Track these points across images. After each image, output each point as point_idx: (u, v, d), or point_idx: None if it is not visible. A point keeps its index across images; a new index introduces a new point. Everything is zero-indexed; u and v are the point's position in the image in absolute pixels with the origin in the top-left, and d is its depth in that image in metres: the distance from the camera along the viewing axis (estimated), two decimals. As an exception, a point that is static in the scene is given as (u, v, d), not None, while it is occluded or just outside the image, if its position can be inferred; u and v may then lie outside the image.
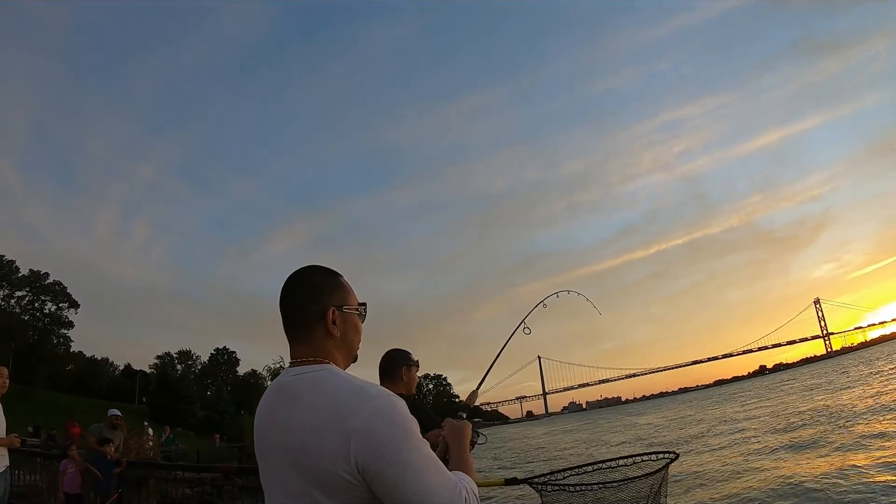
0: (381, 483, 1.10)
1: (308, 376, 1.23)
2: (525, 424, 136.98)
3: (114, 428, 8.36)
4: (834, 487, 10.41)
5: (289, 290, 1.33)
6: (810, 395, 35.50)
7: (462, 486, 1.17)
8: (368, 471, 1.09)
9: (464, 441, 1.45)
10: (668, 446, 23.62)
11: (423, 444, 1.16)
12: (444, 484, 1.14)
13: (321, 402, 1.16)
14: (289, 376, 1.26)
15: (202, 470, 15.14)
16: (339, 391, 1.16)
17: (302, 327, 1.29)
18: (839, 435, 16.57)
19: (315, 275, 1.35)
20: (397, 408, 1.14)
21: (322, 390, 1.18)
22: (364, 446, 1.09)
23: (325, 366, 1.25)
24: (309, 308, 1.29)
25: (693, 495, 12.09)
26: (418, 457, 1.12)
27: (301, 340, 1.29)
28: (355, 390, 1.16)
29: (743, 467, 14.64)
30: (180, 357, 74.38)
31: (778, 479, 12.08)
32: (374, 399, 1.13)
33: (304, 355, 1.28)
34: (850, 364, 67.75)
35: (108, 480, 7.67)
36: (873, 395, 25.79)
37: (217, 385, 68.53)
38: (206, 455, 28.30)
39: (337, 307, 1.31)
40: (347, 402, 1.13)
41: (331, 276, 1.36)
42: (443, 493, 1.12)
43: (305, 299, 1.30)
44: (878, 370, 42.93)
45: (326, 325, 1.29)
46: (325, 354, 1.28)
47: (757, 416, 29.63)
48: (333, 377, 1.21)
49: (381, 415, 1.11)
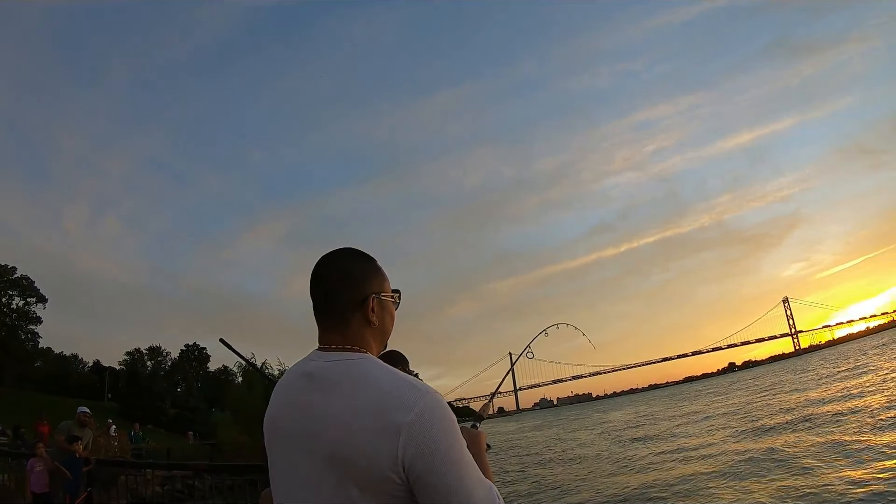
0: (425, 481, 1.03)
1: (348, 364, 1.15)
2: (496, 421, 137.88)
3: (82, 426, 8.23)
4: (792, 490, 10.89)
5: (324, 274, 1.25)
6: (771, 394, 36.65)
7: (496, 494, 1.14)
8: (416, 467, 1.03)
9: (482, 448, 1.41)
10: (633, 441, 24.26)
11: (465, 444, 1.12)
12: (482, 488, 1.10)
13: (367, 393, 1.08)
14: (322, 362, 1.18)
15: (173, 468, 15.10)
16: (388, 383, 1.09)
17: (338, 313, 1.22)
18: (792, 434, 17.25)
19: (353, 259, 1.27)
20: (445, 404, 1.10)
21: (367, 381, 1.10)
22: (415, 442, 1.02)
23: (365, 355, 1.19)
24: (347, 295, 1.22)
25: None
26: (465, 457, 1.09)
27: (336, 325, 1.22)
28: (404, 384, 1.09)
29: (696, 463, 15.14)
30: (150, 353, 73.22)
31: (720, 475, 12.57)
32: (425, 395, 1.07)
33: (338, 341, 1.20)
34: (816, 363, 69.73)
35: (76, 479, 7.53)
36: (831, 396, 26.79)
37: (187, 382, 67.63)
38: (178, 453, 28.02)
39: (375, 294, 1.25)
40: (398, 396, 1.06)
41: (369, 261, 1.29)
42: (480, 496, 1.08)
43: (343, 286, 1.22)
44: (840, 369, 44.27)
45: (365, 312, 1.22)
46: (362, 342, 1.22)
47: (720, 413, 30.52)
48: (378, 368, 1.14)
49: (433, 411, 1.06)
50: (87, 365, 67.21)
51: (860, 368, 37.14)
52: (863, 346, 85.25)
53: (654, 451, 19.56)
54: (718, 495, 10.70)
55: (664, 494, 11.87)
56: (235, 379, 67.42)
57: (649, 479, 14.13)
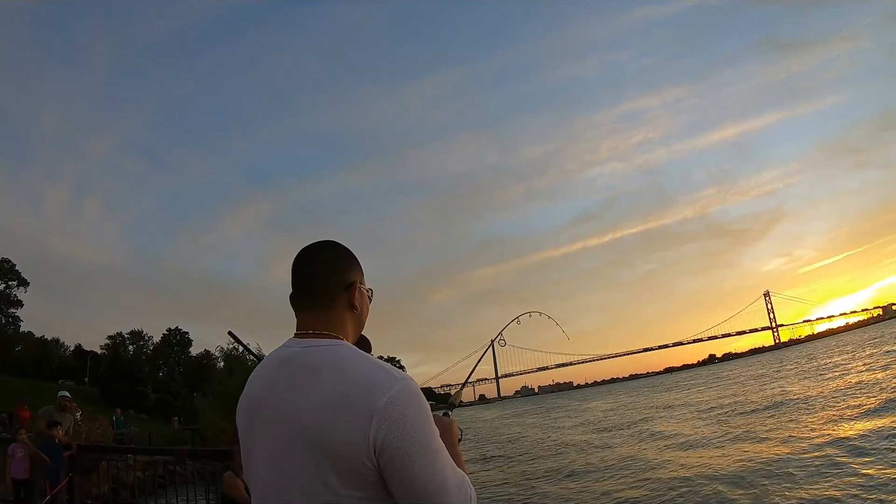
0: (395, 468, 1.04)
1: (324, 350, 1.16)
2: (477, 408, 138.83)
3: (63, 410, 8.18)
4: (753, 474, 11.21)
5: (311, 257, 1.27)
6: (749, 386, 37.42)
7: (468, 484, 1.15)
8: (385, 452, 1.03)
9: (454, 437, 1.40)
10: (614, 430, 24.65)
11: (437, 432, 1.12)
12: (455, 477, 1.11)
13: (341, 378, 1.08)
14: (298, 348, 1.18)
15: (155, 453, 15.11)
16: (362, 369, 1.10)
17: (323, 295, 1.24)
18: (766, 425, 17.69)
19: (339, 248, 1.31)
20: (418, 391, 1.10)
21: (342, 367, 1.11)
22: (386, 426, 1.03)
23: (341, 341, 1.20)
24: (334, 277, 1.25)
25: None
26: (437, 444, 1.09)
27: (318, 308, 1.23)
28: (378, 369, 1.10)
29: (664, 457, 15.48)
30: (132, 338, 72.42)
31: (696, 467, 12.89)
32: (399, 381, 1.07)
33: (318, 326, 1.21)
34: (793, 356, 71.09)
35: (56, 465, 7.43)
36: (811, 389, 27.40)
37: (169, 366, 67.19)
38: (160, 438, 27.97)
39: (359, 283, 1.29)
40: (371, 381, 1.07)
41: (351, 253, 1.32)
42: (453, 487, 1.09)
43: (331, 268, 1.25)
44: (820, 364, 45.21)
45: (351, 296, 1.25)
46: (341, 327, 1.24)
47: (695, 403, 31.12)
48: (353, 354, 1.15)
49: (406, 397, 1.06)
50: (68, 349, 66.46)
51: (837, 366, 37.83)
52: (841, 341, 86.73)
53: (629, 441, 19.89)
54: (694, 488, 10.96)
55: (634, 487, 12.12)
56: (217, 364, 67.28)
57: (617, 466, 14.43)
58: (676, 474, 12.44)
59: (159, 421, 41.74)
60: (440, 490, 1.06)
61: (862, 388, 21.56)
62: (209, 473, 7.28)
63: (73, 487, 7.57)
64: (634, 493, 11.25)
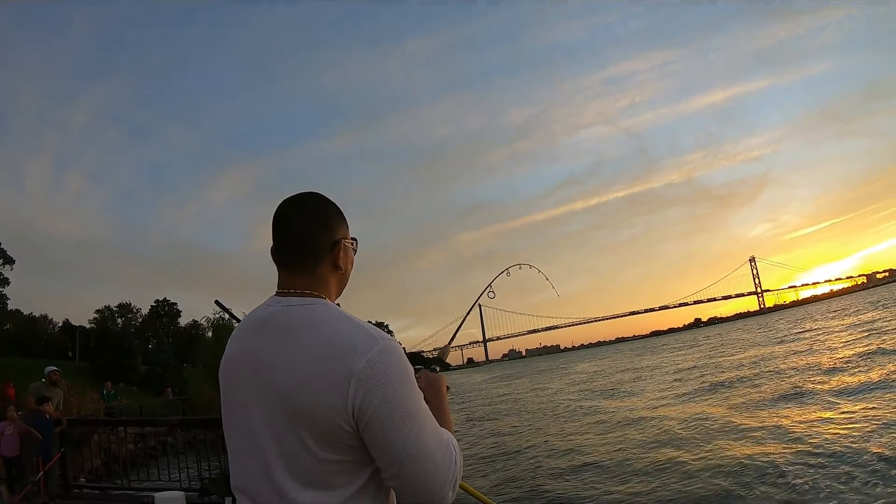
0: (374, 430, 1.01)
1: (304, 309, 1.12)
2: (465, 371, 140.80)
3: (53, 385, 8.10)
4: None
5: (292, 213, 1.19)
6: (732, 350, 38.35)
7: (453, 445, 1.12)
8: (364, 415, 1.00)
9: (442, 393, 1.36)
10: (599, 391, 25.26)
11: (420, 394, 1.08)
12: (438, 440, 1.07)
13: (322, 339, 1.05)
14: (279, 307, 1.14)
15: (146, 424, 15.29)
16: (343, 329, 1.07)
17: (306, 255, 1.18)
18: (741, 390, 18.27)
19: (323, 203, 1.23)
20: (399, 352, 1.07)
21: (322, 327, 1.07)
22: (364, 388, 1.00)
23: (323, 300, 1.16)
24: (319, 238, 1.18)
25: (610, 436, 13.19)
26: (418, 407, 1.06)
27: (301, 268, 1.17)
28: (359, 330, 1.07)
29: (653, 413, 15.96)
30: (120, 311, 72.21)
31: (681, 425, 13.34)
32: (379, 341, 1.04)
33: (301, 285, 1.16)
34: (778, 321, 72.51)
35: (48, 441, 7.40)
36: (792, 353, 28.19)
37: (158, 338, 67.19)
38: (151, 410, 28.21)
39: (343, 239, 1.22)
40: (352, 342, 1.03)
41: (335, 206, 1.26)
42: (436, 450, 1.05)
43: (316, 228, 1.19)
44: (804, 328, 46.25)
45: (335, 256, 1.20)
46: (324, 286, 1.19)
47: (681, 366, 31.87)
48: (335, 313, 1.11)
49: (386, 358, 1.03)
50: (56, 325, 66.19)
51: (819, 330, 38.72)
52: (827, 307, 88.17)
53: (611, 406, 20.41)
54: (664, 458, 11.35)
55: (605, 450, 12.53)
56: (206, 333, 67.36)
57: (593, 430, 14.87)
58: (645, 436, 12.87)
59: (150, 393, 41.94)
60: (422, 454, 1.03)
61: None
62: (200, 442, 7.40)
63: (65, 462, 7.65)
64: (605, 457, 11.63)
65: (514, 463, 12.21)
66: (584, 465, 10.84)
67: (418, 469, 1.02)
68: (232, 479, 1.14)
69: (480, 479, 10.61)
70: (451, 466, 1.08)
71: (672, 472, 9.39)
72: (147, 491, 7.04)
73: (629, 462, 10.57)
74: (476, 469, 11.81)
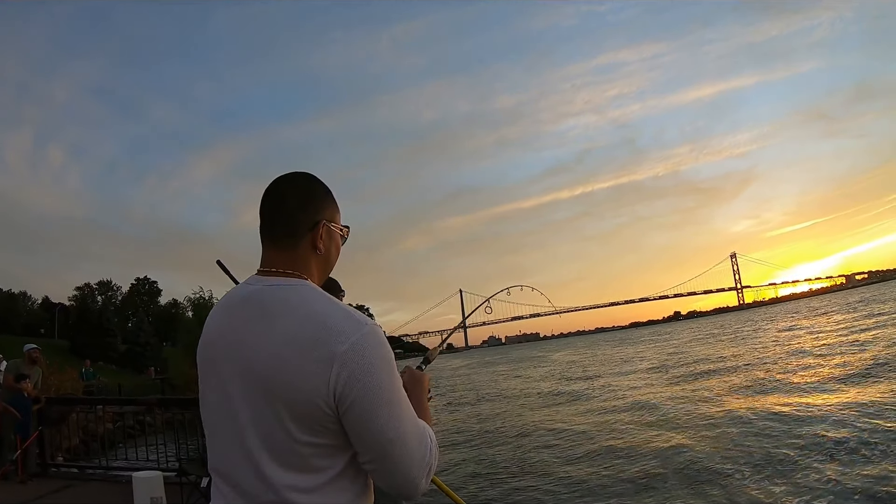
0: (355, 415, 1.01)
1: (285, 289, 1.10)
2: (444, 357, 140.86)
3: (32, 363, 7.96)
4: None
5: (278, 192, 1.19)
6: (706, 343, 39.08)
7: (429, 436, 1.13)
8: (346, 400, 1.00)
9: (423, 390, 1.35)
10: (575, 379, 25.66)
11: (400, 381, 1.10)
12: (416, 428, 1.09)
13: (303, 321, 1.04)
14: (260, 286, 1.13)
15: (124, 404, 15.27)
16: (326, 311, 1.05)
17: (287, 234, 1.17)
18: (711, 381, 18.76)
19: (310, 183, 1.22)
20: (383, 338, 1.07)
21: (304, 308, 1.06)
22: (347, 371, 1.00)
23: (305, 281, 1.14)
24: (299, 216, 1.17)
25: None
26: (398, 395, 1.06)
27: (282, 248, 1.16)
28: (343, 313, 1.06)
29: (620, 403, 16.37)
30: (100, 288, 71.51)
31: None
32: (363, 325, 1.04)
33: (282, 264, 1.15)
34: (758, 317, 73.74)
35: (26, 419, 7.36)
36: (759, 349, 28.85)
37: (138, 316, 66.66)
38: (130, 389, 28.10)
39: (327, 221, 1.20)
40: (334, 325, 1.03)
41: (324, 188, 1.24)
42: (413, 438, 1.07)
43: (297, 205, 1.17)
44: (777, 326, 47.03)
45: (315, 237, 1.18)
46: (304, 267, 1.17)
47: (654, 357, 32.51)
48: (317, 295, 1.10)
49: (369, 343, 1.03)
50: (36, 302, 65.41)
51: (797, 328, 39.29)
52: (805, 305, 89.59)
53: (579, 395, 20.79)
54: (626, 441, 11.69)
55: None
56: (186, 312, 66.97)
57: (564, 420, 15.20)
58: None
59: (129, 372, 41.77)
60: (400, 441, 1.04)
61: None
62: (178, 422, 7.42)
63: (43, 441, 7.68)
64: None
65: (478, 452, 12.48)
66: (552, 457, 11.15)
67: (395, 455, 1.04)
68: (209, 461, 1.15)
69: (448, 473, 10.80)
70: (427, 455, 1.09)
71: (626, 459, 9.88)
72: (125, 470, 7.12)
73: (593, 452, 10.91)
74: (446, 460, 12.07)
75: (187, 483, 5.34)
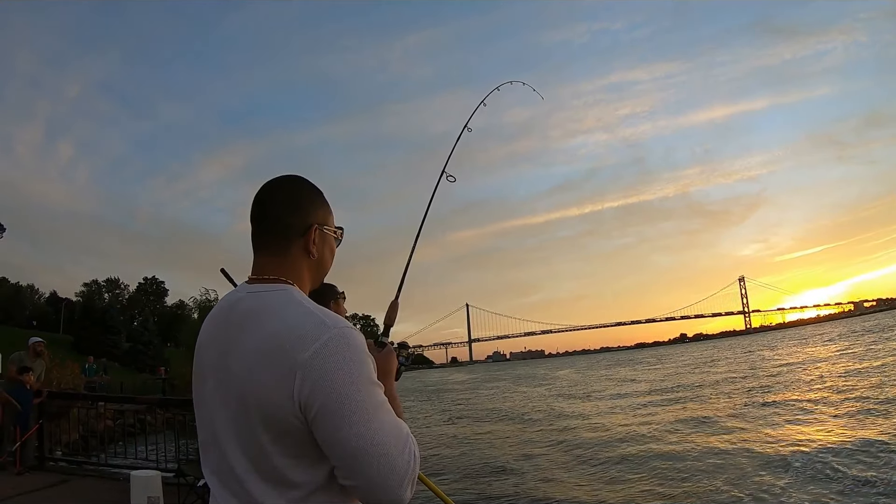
0: (321, 425, 0.95)
1: (264, 296, 1.07)
2: (448, 370, 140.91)
3: (36, 356, 8.00)
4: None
5: (268, 196, 1.16)
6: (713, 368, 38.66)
7: (411, 441, 1.03)
8: (311, 409, 0.95)
9: (391, 373, 1.27)
10: (576, 398, 25.45)
11: (376, 386, 1.01)
12: (396, 435, 1.00)
13: (272, 328, 1.00)
14: (245, 293, 1.11)
15: (124, 401, 15.26)
16: (294, 318, 1.01)
17: (278, 239, 1.14)
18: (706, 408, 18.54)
19: (300, 185, 1.19)
20: (353, 341, 0.99)
21: (276, 314, 1.02)
22: (309, 381, 0.94)
23: (287, 287, 1.10)
24: (290, 220, 1.13)
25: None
26: (367, 398, 0.97)
27: (272, 253, 1.14)
28: (311, 319, 1.00)
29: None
30: (108, 286, 72.09)
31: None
32: (329, 329, 0.98)
33: (271, 271, 1.12)
34: (768, 341, 73.19)
35: (27, 411, 7.37)
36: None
37: (144, 316, 67.00)
38: (132, 387, 28.14)
39: (319, 225, 1.17)
40: (300, 331, 0.98)
41: (316, 191, 1.21)
42: (392, 447, 0.98)
43: (287, 209, 1.14)
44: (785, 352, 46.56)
45: (307, 241, 1.14)
46: (295, 273, 1.14)
47: (653, 380, 32.25)
48: (291, 301, 1.05)
49: (332, 347, 0.96)
50: (43, 296, 65.89)
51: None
52: (814, 331, 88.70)
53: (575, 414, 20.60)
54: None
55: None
56: (192, 314, 67.15)
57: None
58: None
59: (131, 369, 41.84)
60: (376, 450, 0.96)
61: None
62: (178, 423, 7.42)
63: (42, 434, 7.67)
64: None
65: (472, 461, 12.46)
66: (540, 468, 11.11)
67: (371, 468, 0.96)
68: (202, 465, 1.14)
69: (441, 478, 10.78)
70: (409, 464, 0.99)
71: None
72: (123, 468, 7.10)
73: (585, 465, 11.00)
74: (435, 466, 12.06)
75: (185, 484, 5.30)
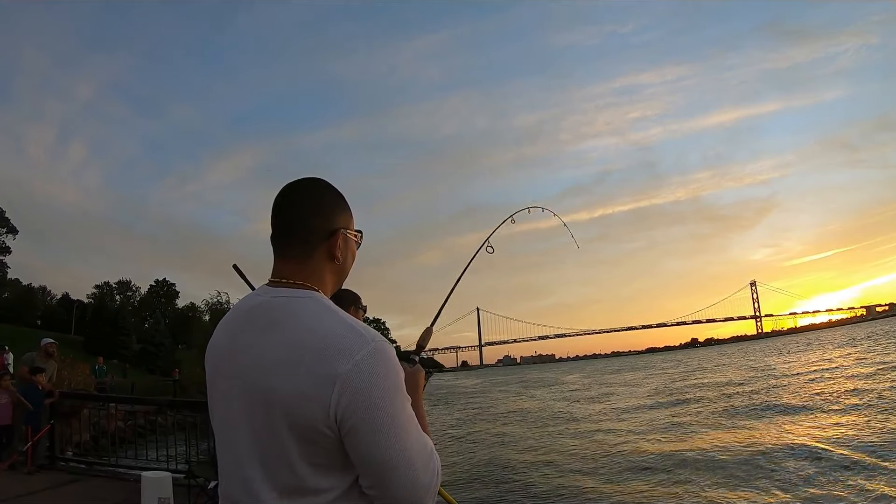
0: (357, 437, 0.95)
1: (293, 302, 1.05)
2: (459, 374, 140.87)
3: (48, 356, 8.08)
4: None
5: (292, 199, 1.13)
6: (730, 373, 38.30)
7: (435, 457, 1.05)
8: (347, 421, 0.94)
9: (419, 388, 1.26)
10: (583, 403, 25.29)
11: (408, 401, 1.02)
12: (422, 449, 1.01)
13: (306, 336, 0.99)
14: (267, 297, 1.07)
15: (135, 402, 15.31)
16: (332, 327, 0.99)
17: (301, 243, 1.11)
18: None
19: (324, 189, 1.16)
20: (391, 355, 1.00)
21: (309, 322, 1.01)
22: (349, 392, 0.93)
23: (314, 294, 1.08)
24: (314, 224, 1.11)
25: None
26: (403, 413, 0.99)
27: (295, 258, 1.11)
28: (348, 329, 0.99)
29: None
30: (119, 287, 72.62)
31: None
32: (369, 343, 0.97)
33: (294, 275, 1.10)
34: (780, 346, 72.72)
35: (38, 411, 7.40)
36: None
37: (155, 318, 67.40)
38: (151, 387, 28.27)
39: (343, 229, 1.15)
40: (338, 342, 0.96)
41: (337, 194, 1.18)
42: (419, 460, 1.00)
43: (312, 213, 1.12)
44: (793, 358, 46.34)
45: (331, 246, 1.12)
46: (318, 277, 1.12)
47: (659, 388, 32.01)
48: (324, 309, 1.04)
49: (375, 361, 0.96)
50: (55, 297, 66.55)
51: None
52: (826, 336, 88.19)
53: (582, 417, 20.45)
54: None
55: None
56: (203, 316, 67.60)
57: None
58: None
59: (142, 371, 42.05)
60: (406, 465, 0.97)
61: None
62: (189, 424, 7.40)
63: (54, 434, 7.67)
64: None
65: (482, 466, 12.42)
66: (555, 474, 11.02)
67: (399, 480, 0.97)
68: (219, 469, 1.12)
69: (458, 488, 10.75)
70: (434, 477, 1.02)
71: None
72: (134, 469, 7.07)
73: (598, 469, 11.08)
74: (445, 473, 11.98)
75: (195, 485, 5.25)
